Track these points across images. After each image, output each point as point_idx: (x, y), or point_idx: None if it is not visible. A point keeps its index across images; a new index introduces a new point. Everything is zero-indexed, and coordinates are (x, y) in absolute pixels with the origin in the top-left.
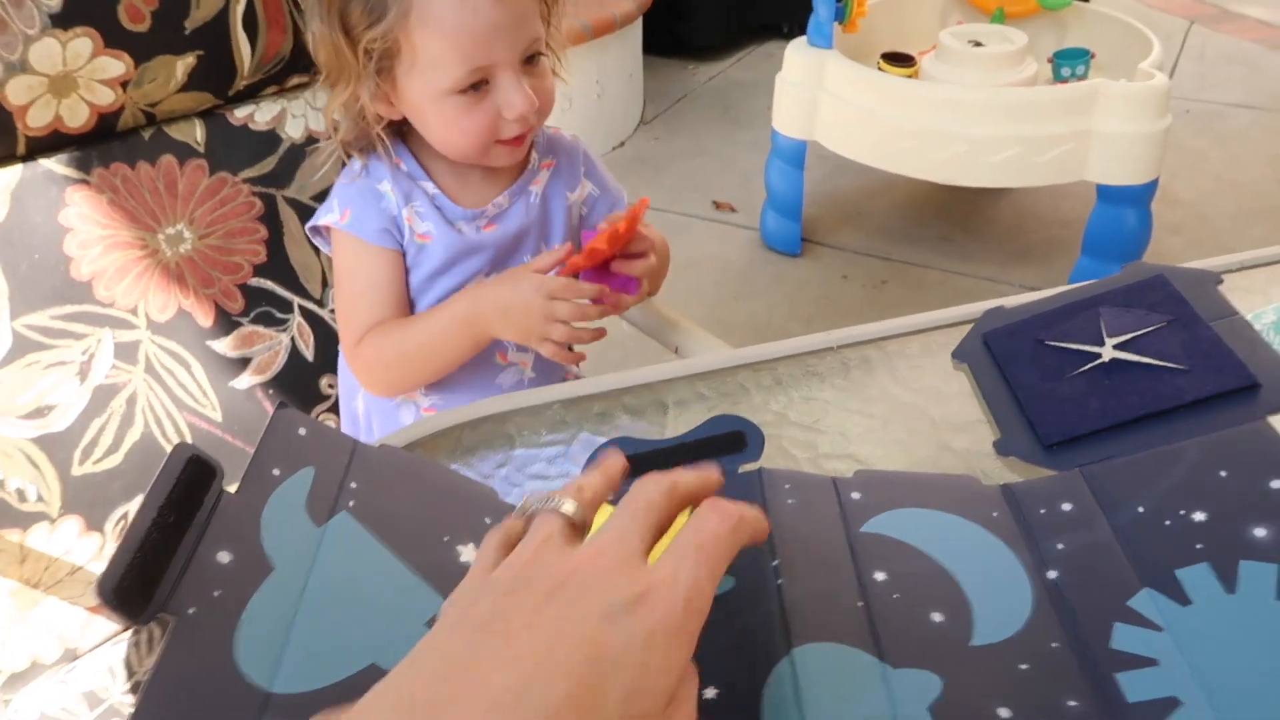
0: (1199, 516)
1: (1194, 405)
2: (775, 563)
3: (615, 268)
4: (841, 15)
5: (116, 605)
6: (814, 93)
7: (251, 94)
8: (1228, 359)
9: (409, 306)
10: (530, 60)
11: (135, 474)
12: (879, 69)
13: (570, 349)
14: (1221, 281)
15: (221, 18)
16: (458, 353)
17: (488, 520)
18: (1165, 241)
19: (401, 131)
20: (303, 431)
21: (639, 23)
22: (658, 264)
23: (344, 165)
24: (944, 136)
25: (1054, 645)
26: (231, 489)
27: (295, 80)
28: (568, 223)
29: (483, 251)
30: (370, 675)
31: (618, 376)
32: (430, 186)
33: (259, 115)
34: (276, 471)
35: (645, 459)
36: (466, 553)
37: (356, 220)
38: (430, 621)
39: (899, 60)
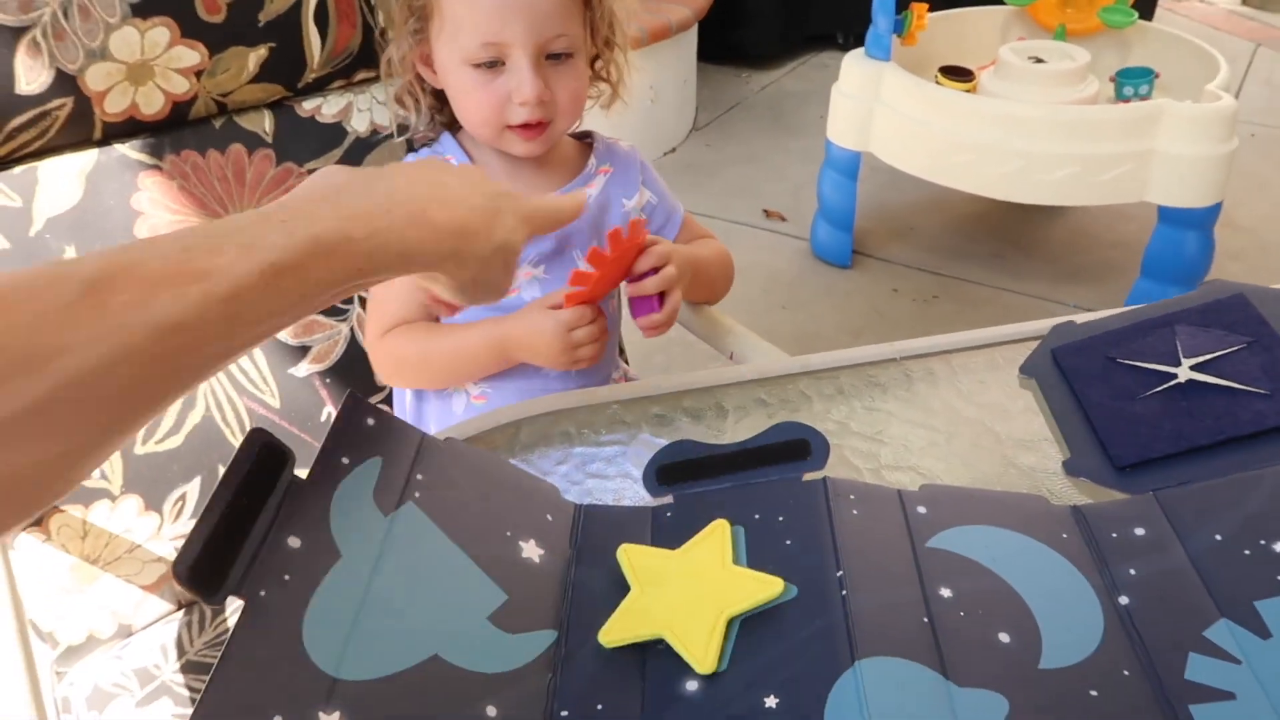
0: (1278, 547)
1: (1276, 431)
2: (840, 573)
3: (630, 291)
4: (900, 28)
5: (192, 584)
6: (870, 104)
7: (319, 87)
8: None
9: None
10: (556, 57)
11: (194, 455)
12: (937, 83)
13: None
14: None
15: (294, 11)
16: (483, 370)
17: (549, 517)
18: (1225, 267)
19: (454, 127)
20: (371, 422)
21: (694, 30)
22: (714, 273)
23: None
24: (1001, 152)
25: (1125, 673)
26: (300, 475)
27: (362, 75)
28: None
29: (530, 248)
30: (432, 666)
31: (677, 379)
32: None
33: (326, 108)
34: (345, 460)
35: (708, 463)
36: (528, 548)
37: None
38: (491, 616)
39: (957, 74)
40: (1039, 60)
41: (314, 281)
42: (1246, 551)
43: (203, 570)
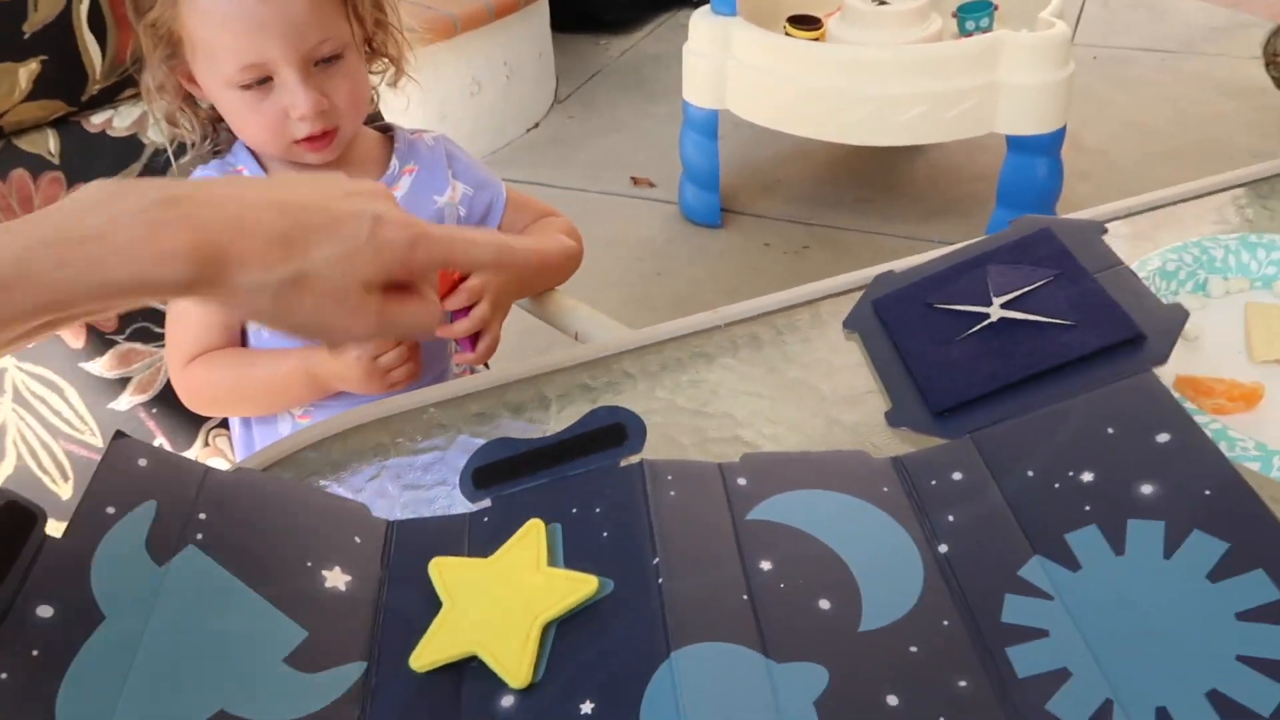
0: (1087, 477)
1: (1082, 361)
2: (656, 560)
3: (440, 333)
4: None
5: None
6: (722, 61)
7: (108, 98)
8: (1113, 311)
9: (239, 333)
10: (326, 61)
11: None
12: (785, 33)
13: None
14: (1105, 231)
15: (63, 20)
16: (300, 400)
17: (357, 539)
18: (1075, 189)
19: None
20: (143, 463)
21: (545, 0)
22: (555, 262)
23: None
24: (854, 98)
25: (945, 623)
26: (55, 535)
27: None
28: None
29: None
30: None
31: (497, 373)
32: None
33: (117, 121)
34: (111, 510)
35: (527, 459)
36: (332, 576)
37: None
38: (288, 658)
39: (806, 23)
40: (883, 2)
41: None
42: (1057, 485)
43: None
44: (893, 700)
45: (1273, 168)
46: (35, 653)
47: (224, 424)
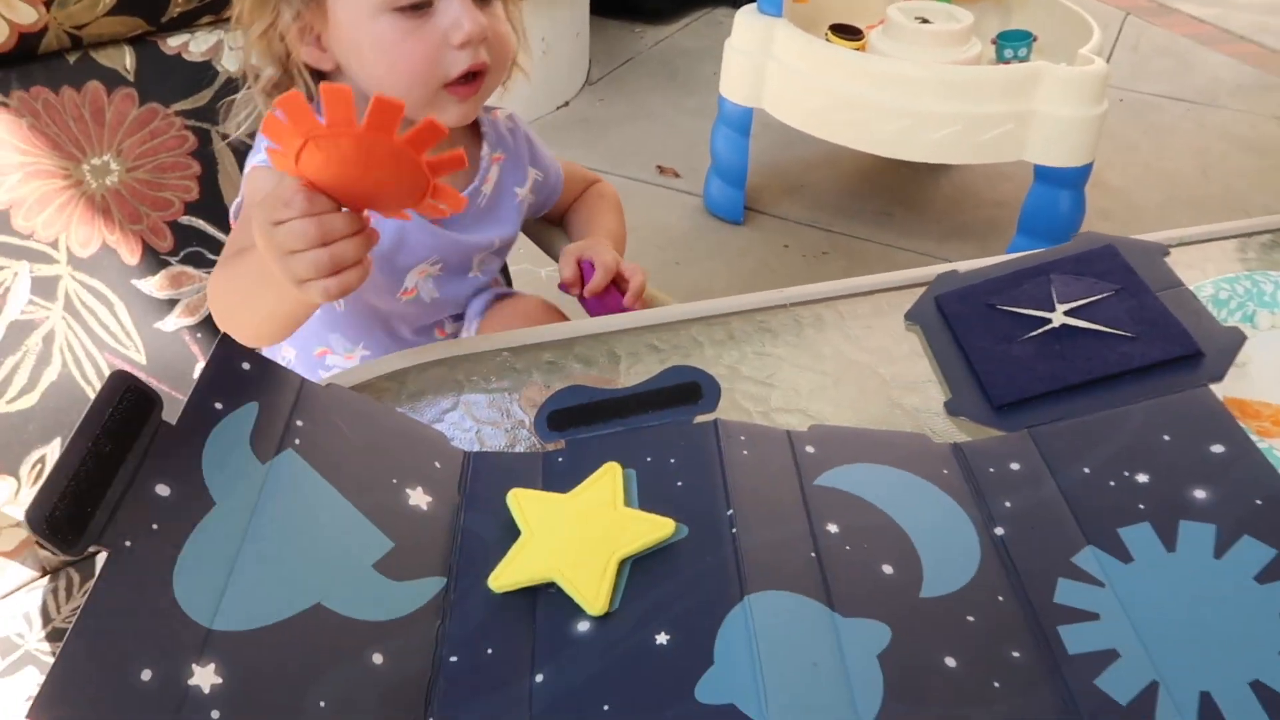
0: (1142, 478)
1: (1140, 371)
2: (730, 512)
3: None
4: None
5: (48, 534)
6: (762, 60)
7: (186, 22)
8: (1173, 327)
9: None
10: None
11: (52, 415)
12: (827, 40)
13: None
14: (1168, 254)
15: None
16: (266, 305)
17: (437, 464)
18: (1096, 226)
19: None
20: (247, 366)
21: None
22: (621, 230)
23: None
24: (888, 110)
25: (1000, 599)
26: (170, 421)
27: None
28: (518, 221)
29: (423, 242)
30: (315, 615)
31: (569, 326)
32: None
33: (194, 45)
34: (219, 405)
35: (601, 407)
36: (415, 495)
37: None
38: (377, 564)
39: (848, 33)
40: (925, 21)
41: None
42: (1112, 483)
43: (60, 519)
44: (951, 662)
45: None
46: (155, 526)
47: None
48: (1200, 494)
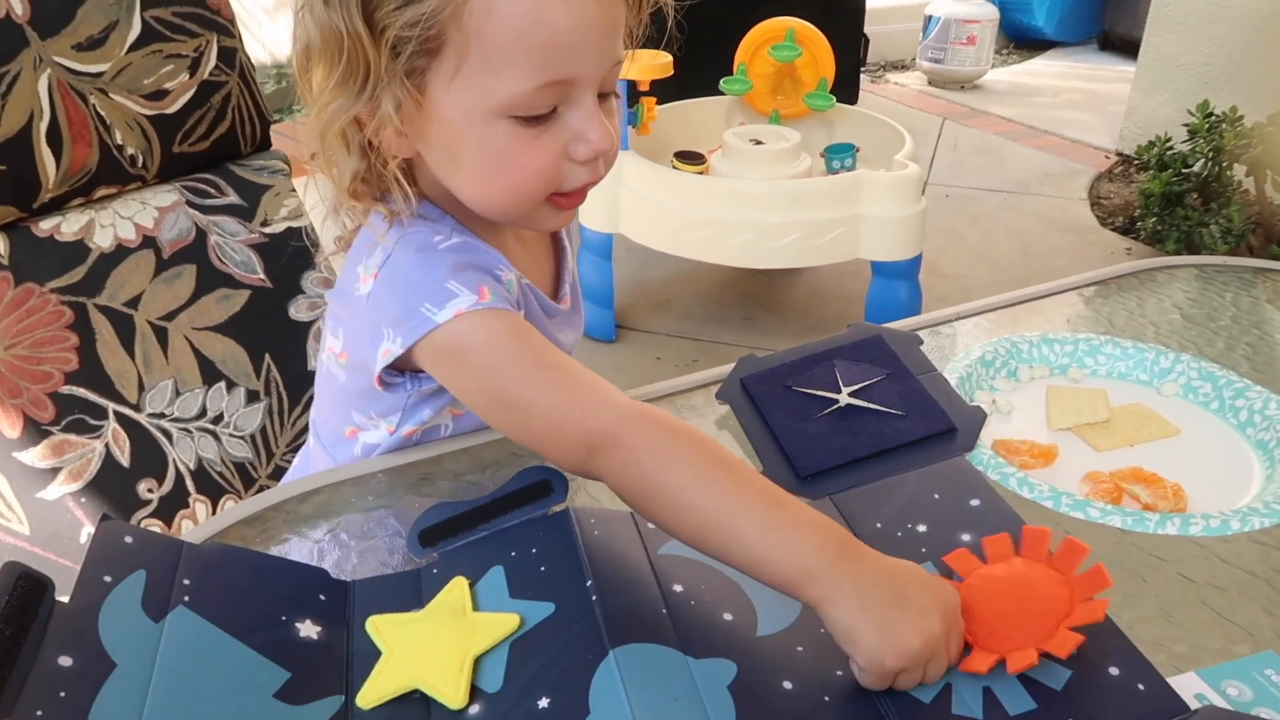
0: (922, 528)
1: (911, 444)
2: (589, 582)
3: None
4: (634, 119)
5: None
6: (615, 190)
7: (57, 205)
8: (933, 407)
9: None
10: (602, 95)
11: None
12: (673, 167)
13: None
14: (922, 342)
15: (24, 135)
16: (751, 568)
17: (322, 597)
18: (936, 309)
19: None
20: (129, 540)
21: None
22: None
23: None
24: (734, 225)
25: (821, 630)
26: (63, 600)
27: (102, 191)
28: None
29: None
30: None
31: (438, 444)
32: (508, 268)
33: (65, 226)
34: (108, 578)
35: (465, 517)
36: (305, 628)
37: (496, 294)
38: (277, 693)
39: (690, 158)
40: (759, 142)
41: None
42: (899, 534)
43: None
44: (788, 685)
45: (1053, 287)
46: (63, 694)
47: (156, 514)
48: (965, 536)
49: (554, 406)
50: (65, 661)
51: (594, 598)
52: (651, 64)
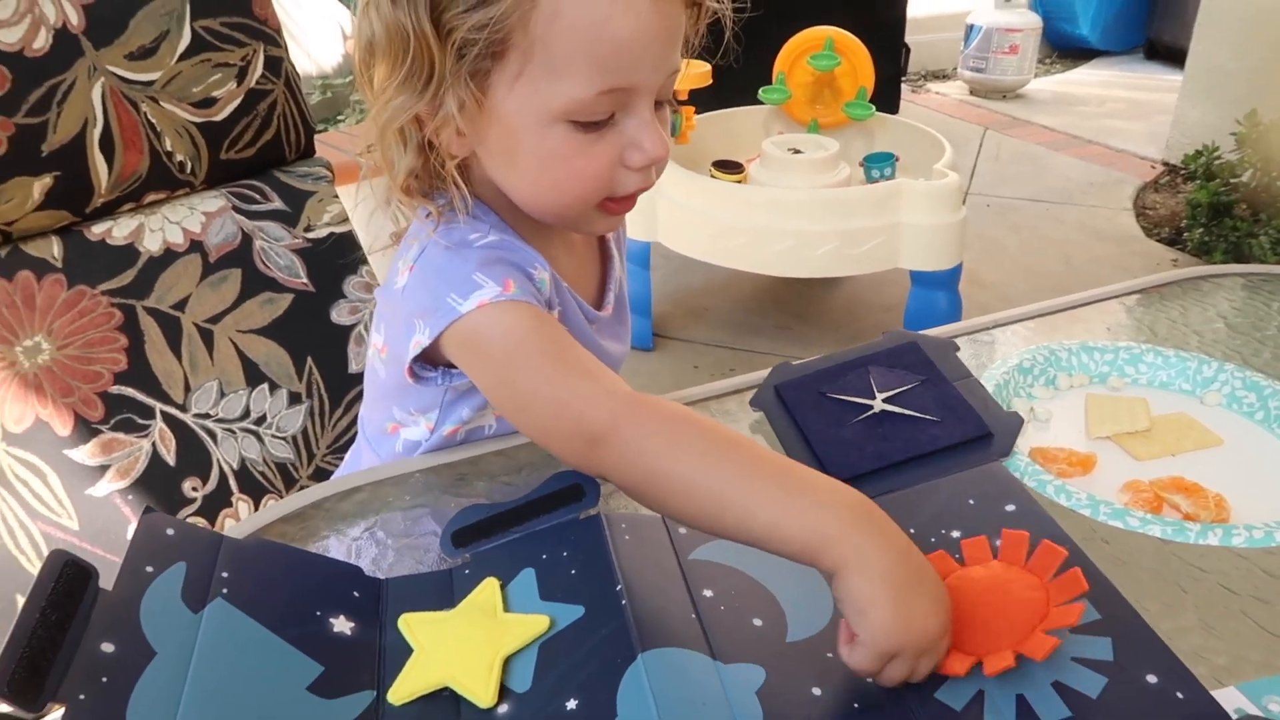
0: (956, 534)
1: (946, 449)
2: (619, 586)
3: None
4: (674, 128)
5: (10, 695)
6: (654, 199)
7: (109, 210)
8: (969, 413)
9: None
10: (658, 103)
11: None
12: (711, 175)
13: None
14: (958, 348)
15: (78, 141)
16: (767, 542)
17: (355, 594)
18: (974, 318)
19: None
20: (170, 532)
21: None
22: None
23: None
24: (772, 234)
25: None
26: (106, 588)
27: (152, 197)
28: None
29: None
30: None
31: (476, 445)
32: (543, 267)
33: (117, 230)
34: (150, 569)
35: (498, 519)
36: (339, 624)
37: (523, 289)
38: (310, 686)
39: (729, 167)
40: (797, 151)
41: None
42: (933, 539)
43: (20, 681)
44: (817, 691)
45: (1094, 295)
46: (105, 679)
47: (199, 512)
48: (999, 542)
49: (553, 397)
50: (108, 648)
51: (623, 601)
52: (690, 73)
